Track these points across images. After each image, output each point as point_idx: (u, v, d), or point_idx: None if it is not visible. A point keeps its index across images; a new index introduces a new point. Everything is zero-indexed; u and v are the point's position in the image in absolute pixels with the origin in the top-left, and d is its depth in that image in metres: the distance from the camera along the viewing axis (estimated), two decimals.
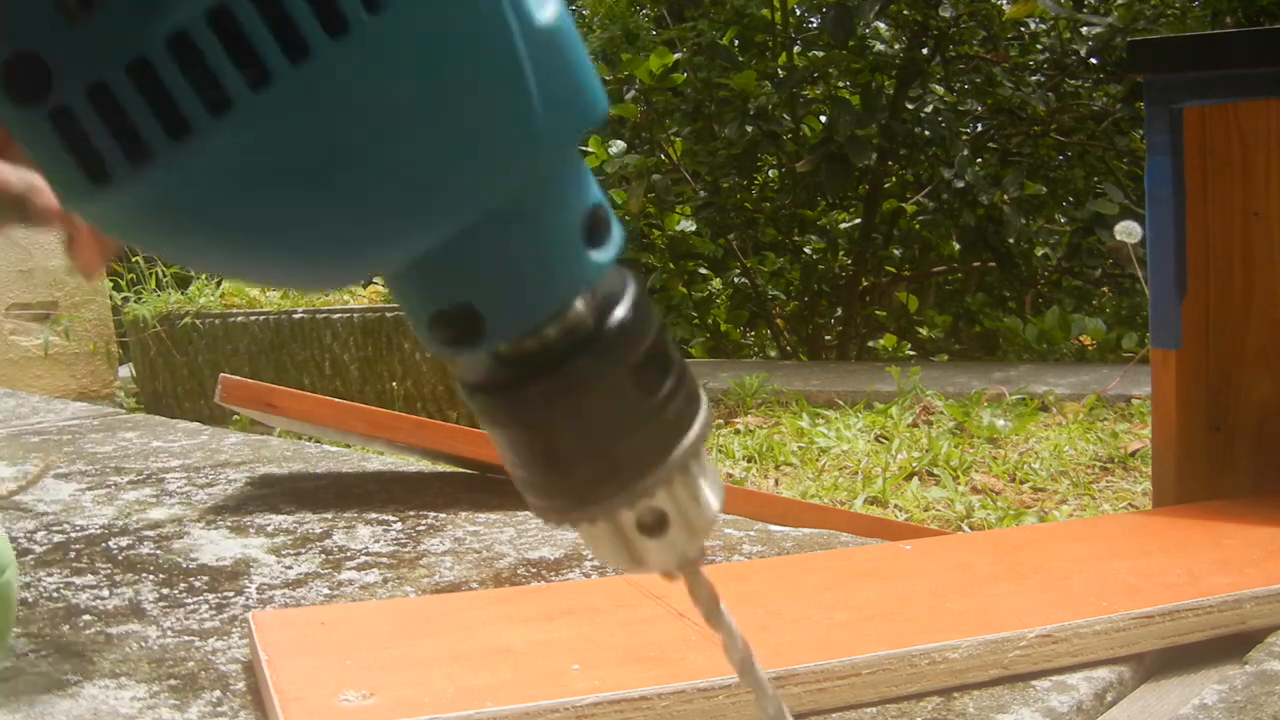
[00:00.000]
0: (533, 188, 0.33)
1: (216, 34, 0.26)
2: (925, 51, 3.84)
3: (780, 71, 3.99)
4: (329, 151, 0.28)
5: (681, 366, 0.38)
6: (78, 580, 0.88)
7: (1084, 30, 3.70)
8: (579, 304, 0.35)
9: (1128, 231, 2.42)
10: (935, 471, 1.94)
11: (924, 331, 4.24)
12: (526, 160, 0.32)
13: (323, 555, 0.96)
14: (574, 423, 0.36)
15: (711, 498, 0.40)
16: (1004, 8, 3.80)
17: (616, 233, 0.36)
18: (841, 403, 2.68)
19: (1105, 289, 4.21)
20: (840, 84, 4.10)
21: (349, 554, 0.97)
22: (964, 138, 3.80)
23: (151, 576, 0.89)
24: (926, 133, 3.67)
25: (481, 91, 0.30)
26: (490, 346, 0.35)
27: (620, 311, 0.36)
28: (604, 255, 0.35)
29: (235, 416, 2.39)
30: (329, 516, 1.09)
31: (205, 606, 0.82)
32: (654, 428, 0.37)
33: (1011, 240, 3.76)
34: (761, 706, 0.43)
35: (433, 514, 1.09)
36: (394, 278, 0.35)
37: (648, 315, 0.37)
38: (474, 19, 0.29)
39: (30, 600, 0.81)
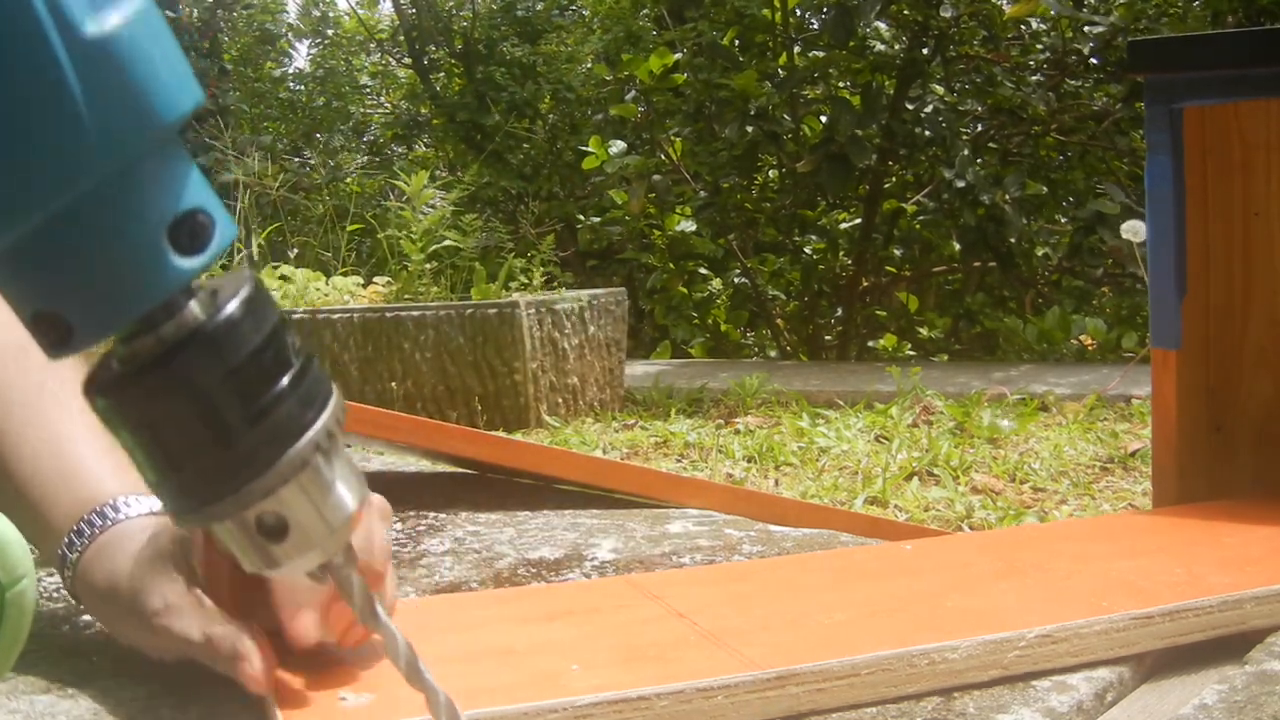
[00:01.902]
0: (94, 196, 0.34)
1: None
2: (925, 51, 3.84)
3: (780, 72, 3.99)
4: None
5: (302, 367, 0.38)
6: None
7: (1085, 30, 3.70)
8: (193, 304, 0.36)
9: (1134, 230, 2.42)
10: (935, 471, 1.94)
11: (924, 331, 4.24)
12: (73, 169, 0.33)
13: None
14: (179, 421, 0.36)
15: (346, 497, 0.40)
16: (1004, 8, 3.80)
17: (218, 236, 0.36)
18: (841, 403, 2.68)
19: (1105, 289, 4.21)
20: (840, 84, 4.10)
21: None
22: (964, 138, 3.80)
23: None
24: (927, 133, 3.67)
25: (17, 103, 0.31)
26: (79, 349, 0.36)
27: (228, 309, 0.37)
28: (195, 261, 0.35)
29: None
30: None
31: None
32: (263, 428, 0.37)
33: (1012, 240, 3.76)
34: (434, 706, 0.44)
35: (432, 514, 1.09)
36: None
37: (262, 315, 0.37)
38: (8, 36, 0.30)
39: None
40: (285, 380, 0.38)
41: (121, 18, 0.33)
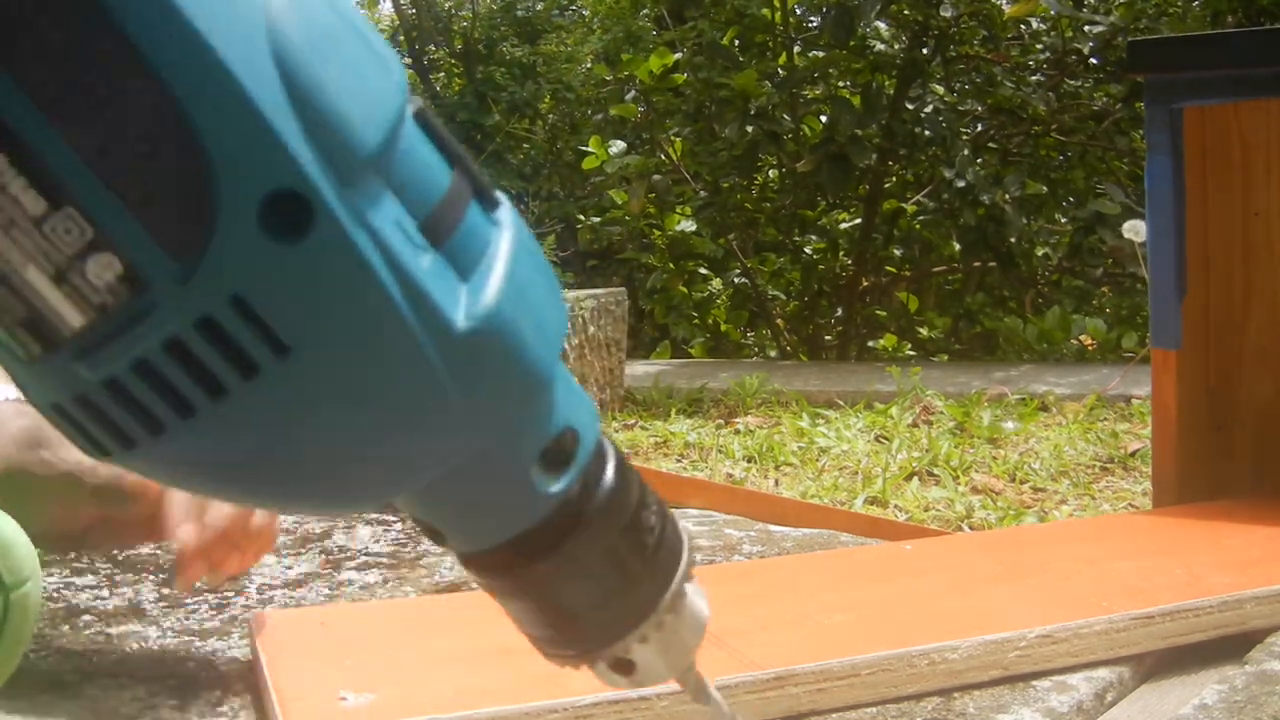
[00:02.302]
0: (470, 457, 0.35)
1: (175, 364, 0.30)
2: (925, 51, 3.83)
3: (780, 71, 3.99)
4: (269, 453, 0.32)
5: (662, 518, 0.41)
6: (78, 580, 0.88)
7: (1085, 30, 3.69)
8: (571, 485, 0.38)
9: (1135, 230, 2.42)
10: (935, 471, 1.94)
11: (924, 331, 4.24)
12: (448, 448, 0.34)
13: (323, 555, 0.96)
14: (574, 589, 0.39)
15: (701, 610, 0.43)
16: (1004, 7, 3.80)
17: (582, 449, 0.38)
18: (841, 403, 2.68)
19: (1106, 289, 4.20)
20: (840, 84, 4.10)
21: (349, 554, 0.97)
22: (964, 138, 3.80)
23: (151, 576, 0.89)
24: (927, 132, 3.67)
25: (389, 407, 0.32)
26: (450, 550, 0.39)
27: (605, 484, 0.39)
28: (561, 483, 0.37)
29: None
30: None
31: (205, 606, 0.82)
32: (645, 580, 0.40)
33: (1012, 240, 3.76)
34: None
35: None
36: None
37: (630, 480, 0.40)
38: (379, 350, 0.31)
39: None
40: (657, 525, 0.41)
41: (495, 292, 0.33)
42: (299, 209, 0.29)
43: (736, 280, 4.40)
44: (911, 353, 4.12)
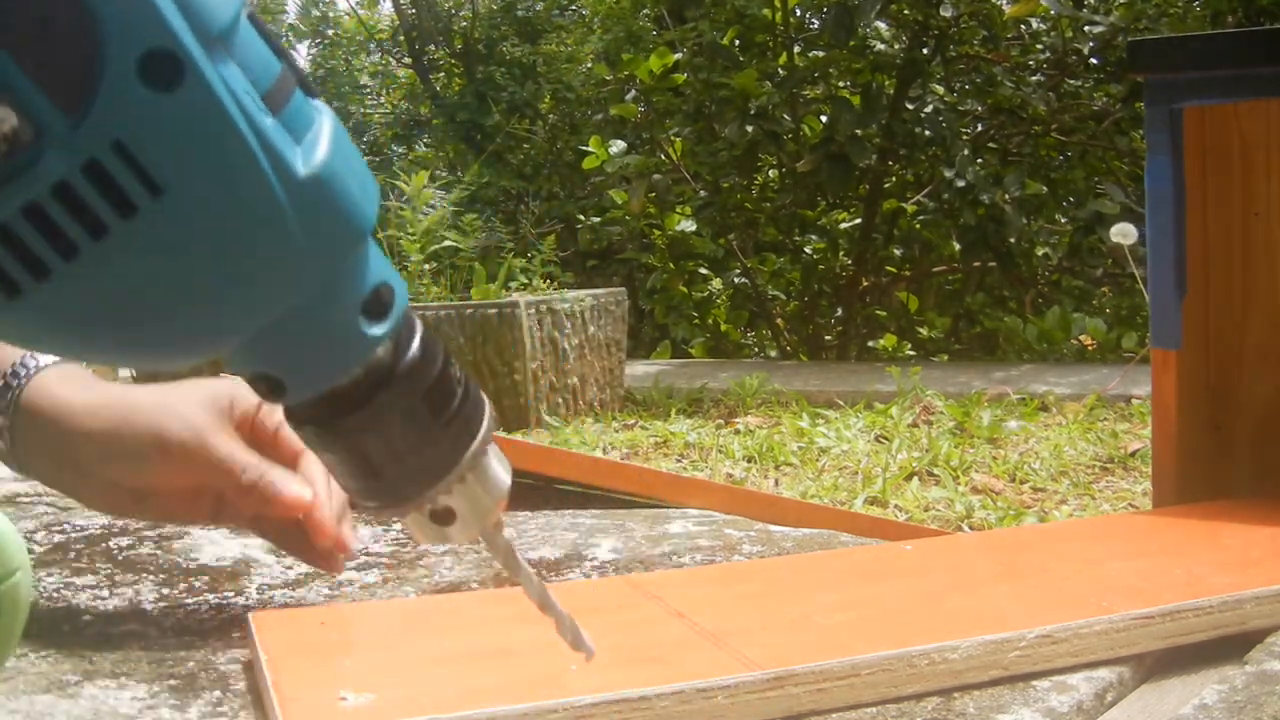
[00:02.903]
0: (304, 299, 0.41)
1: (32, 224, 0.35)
2: (925, 51, 3.84)
3: (780, 71, 3.99)
4: (141, 293, 0.37)
5: (465, 386, 0.48)
6: (78, 580, 0.88)
7: (1085, 30, 3.70)
8: (380, 350, 0.44)
9: (1123, 233, 2.42)
10: (935, 471, 1.94)
11: (924, 331, 4.24)
12: (291, 287, 0.40)
13: None
14: (380, 442, 0.45)
15: (501, 476, 0.49)
16: (1004, 7, 3.80)
17: (398, 301, 0.44)
18: (841, 403, 2.68)
19: (1106, 289, 4.21)
20: (840, 84, 4.10)
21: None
22: (964, 138, 3.80)
23: (151, 576, 0.89)
24: (927, 132, 3.67)
25: (244, 238, 0.37)
26: (290, 402, 0.44)
27: (412, 349, 0.45)
28: (383, 327, 0.43)
29: None
30: None
31: (205, 606, 0.82)
32: (445, 438, 0.46)
33: (1012, 240, 3.76)
34: (561, 629, 0.53)
35: None
36: None
37: (434, 350, 0.46)
38: (239, 189, 0.37)
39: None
40: (459, 396, 0.47)
41: (324, 152, 0.39)
42: (172, 64, 0.35)
43: (736, 280, 4.40)
44: (911, 353, 4.12)
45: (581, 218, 4.86)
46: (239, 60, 0.37)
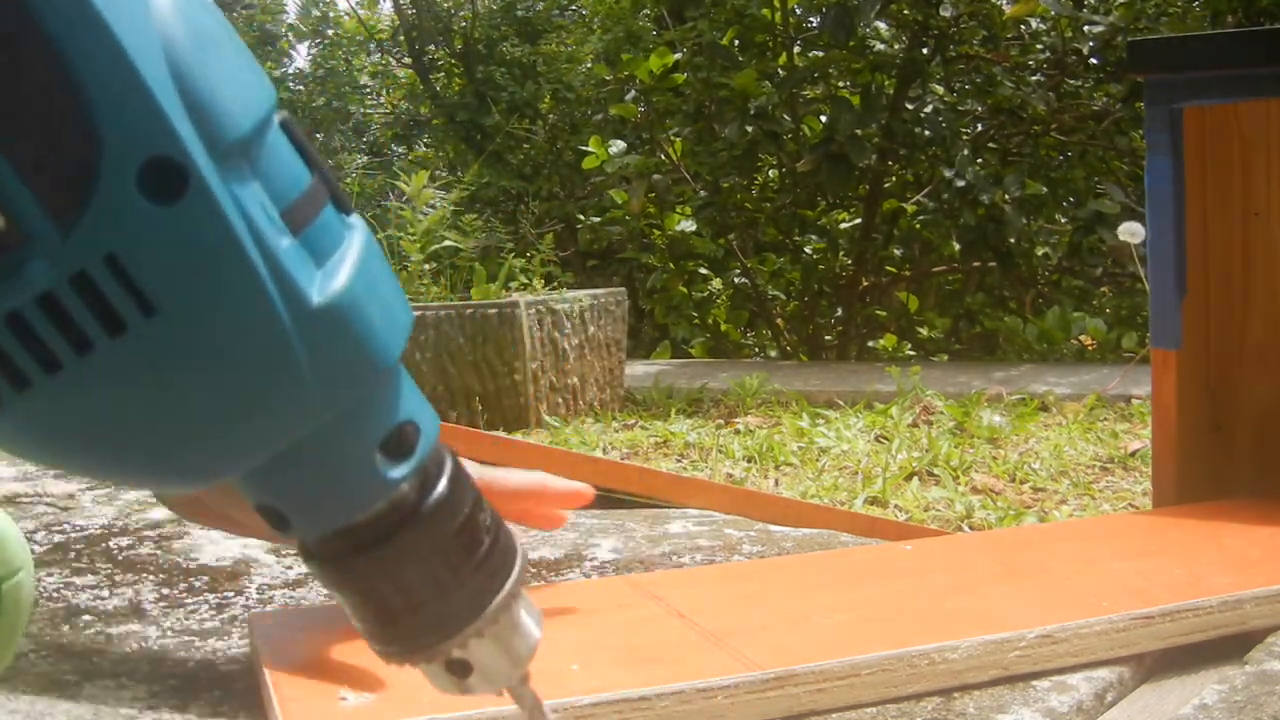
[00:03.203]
0: (315, 433, 0.37)
1: (15, 334, 0.32)
2: (925, 51, 3.83)
3: (780, 71, 3.99)
4: (129, 415, 0.34)
5: (495, 532, 0.43)
6: (78, 580, 0.88)
7: (1085, 30, 3.69)
8: (405, 486, 0.40)
9: (1131, 232, 2.42)
10: (935, 471, 1.94)
11: (924, 331, 4.24)
12: (298, 422, 0.37)
13: None
14: (394, 587, 0.41)
15: (530, 630, 0.45)
16: (1004, 7, 3.80)
17: (423, 443, 0.40)
18: (841, 403, 2.68)
19: (1105, 289, 4.20)
20: (840, 84, 4.10)
21: None
22: (964, 137, 3.80)
23: (151, 576, 0.89)
24: (927, 132, 3.67)
25: (247, 366, 0.35)
26: (296, 537, 0.40)
27: (439, 488, 0.41)
28: (402, 469, 0.40)
29: None
30: None
31: (205, 606, 0.82)
32: (472, 585, 0.42)
33: (1012, 240, 3.76)
34: None
35: None
36: None
37: (464, 488, 0.42)
38: (240, 316, 0.34)
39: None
40: (487, 540, 0.43)
41: (346, 278, 0.36)
42: (174, 175, 0.32)
43: (736, 280, 4.40)
44: (911, 353, 4.12)
45: (581, 218, 4.86)
46: (261, 171, 0.34)
